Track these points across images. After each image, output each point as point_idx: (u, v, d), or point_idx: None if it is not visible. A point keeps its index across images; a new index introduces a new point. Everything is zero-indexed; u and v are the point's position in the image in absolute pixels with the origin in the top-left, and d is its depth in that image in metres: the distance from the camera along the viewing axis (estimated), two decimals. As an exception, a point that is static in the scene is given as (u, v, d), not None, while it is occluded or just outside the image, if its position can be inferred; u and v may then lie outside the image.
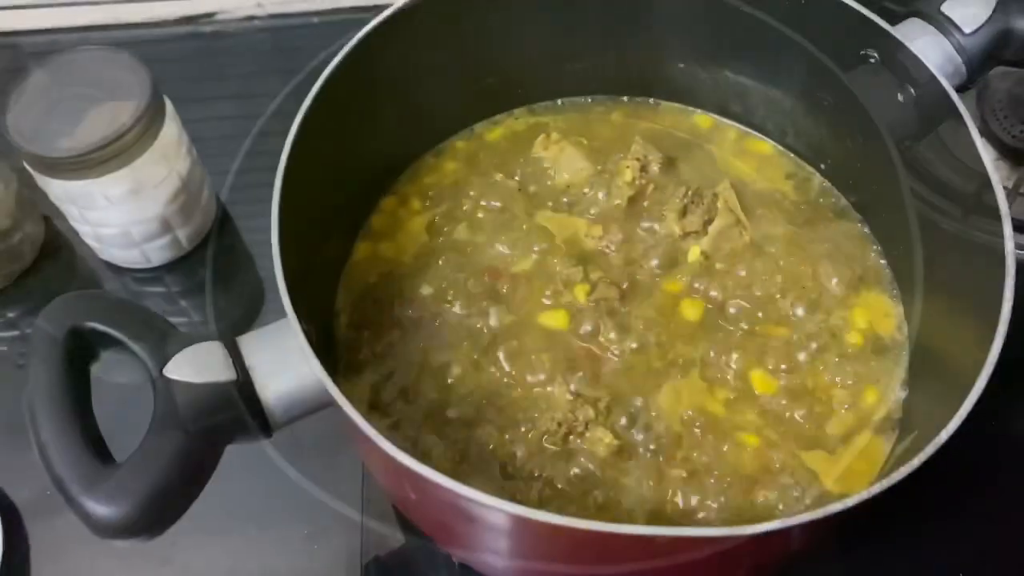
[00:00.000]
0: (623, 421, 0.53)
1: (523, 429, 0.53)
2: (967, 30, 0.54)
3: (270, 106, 0.83)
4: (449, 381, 0.55)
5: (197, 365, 0.42)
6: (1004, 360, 0.43)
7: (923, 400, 0.52)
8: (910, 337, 0.56)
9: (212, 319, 0.74)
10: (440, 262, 0.60)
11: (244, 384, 0.43)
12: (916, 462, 0.39)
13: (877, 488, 0.38)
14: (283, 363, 0.44)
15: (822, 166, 0.63)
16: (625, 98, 0.68)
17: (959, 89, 0.53)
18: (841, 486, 0.51)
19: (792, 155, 0.65)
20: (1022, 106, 0.72)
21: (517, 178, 0.63)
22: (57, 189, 0.66)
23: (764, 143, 0.66)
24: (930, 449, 0.39)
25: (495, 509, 0.39)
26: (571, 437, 0.52)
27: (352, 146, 0.57)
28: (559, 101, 0.68)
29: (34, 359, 0.42)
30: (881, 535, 0.58)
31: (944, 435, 0.40)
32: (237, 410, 0.43)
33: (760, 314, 0.57)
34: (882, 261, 0.59)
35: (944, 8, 0.54)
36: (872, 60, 0.54)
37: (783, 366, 0.55)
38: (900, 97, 0.53)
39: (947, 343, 0.51)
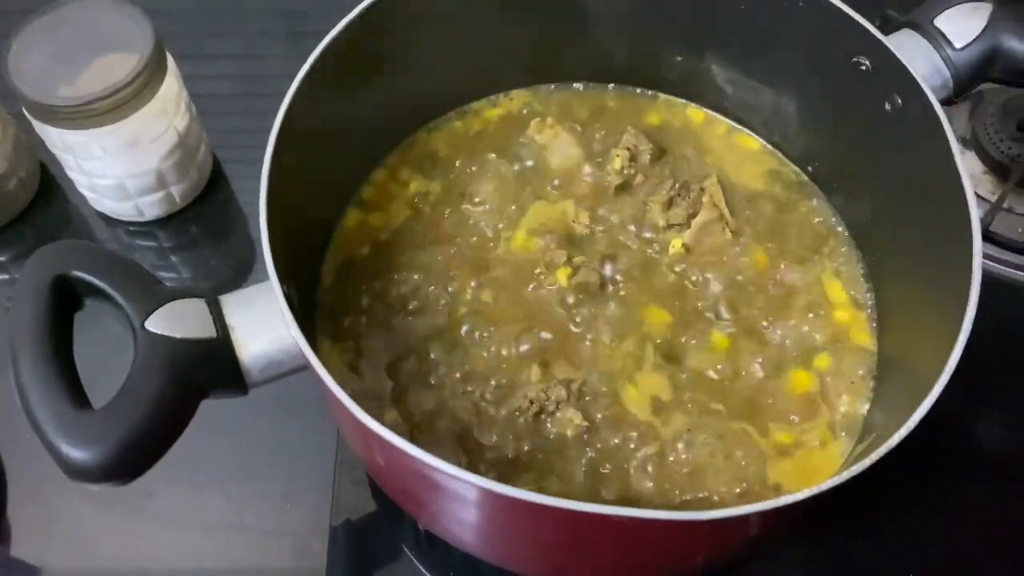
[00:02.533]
0: (594, 403, 0.54)
1: (496, 405, 0.54)
2: (957, 45, 0.54)
3: (272, 68, 0.85)
4: (427, 353, 0.56)
5: (178, 320, 0.43)
6: (966, 368, 0.44)
7: (886, 404, 0.53)
8: (880, 342, 0.57)
9: (202, 277, 0.75)
10: (426, 237, 0.61)
11: (223, 342, 0.44)
12: (867, 462, 0.40)
13: (827, 484, 0.40)
14: (263, 324, 0.45)
15: (809, 168, 0.64)
16: (620, 87, 0.68)
17: (945, 102, 0.54)
18: (802, 484, 0.52)
19: (780, 154, 0.65)
20: (1013, 122, 0.72)
21: (509, 159, 0.64)
22: (55, 137, 0.66)
23: (752, 140, 0.66)
24: (882, 450, 0.40)
25: (454, 478, 0.40)
26: (542, 416, 0.53)
27: (347, 116, 0.58)
28: (554, 86, 0.68)
29: (19, 303, 0.42)
30: (845, 527, 0.60)
31: (896, 439, 0.41)
32: (214, 367, 0.44)
33: (736, 311, 0.58)
34: (859, 266, 0.60)
35: (937, 21, 0.55)
36: (863, 68, 0.54)
37: (756, 362, 0.56)
38: (888, 106, 0.53)
39: (914, 351, 0.52)
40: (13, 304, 0.43)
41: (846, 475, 0.40)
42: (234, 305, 0.46)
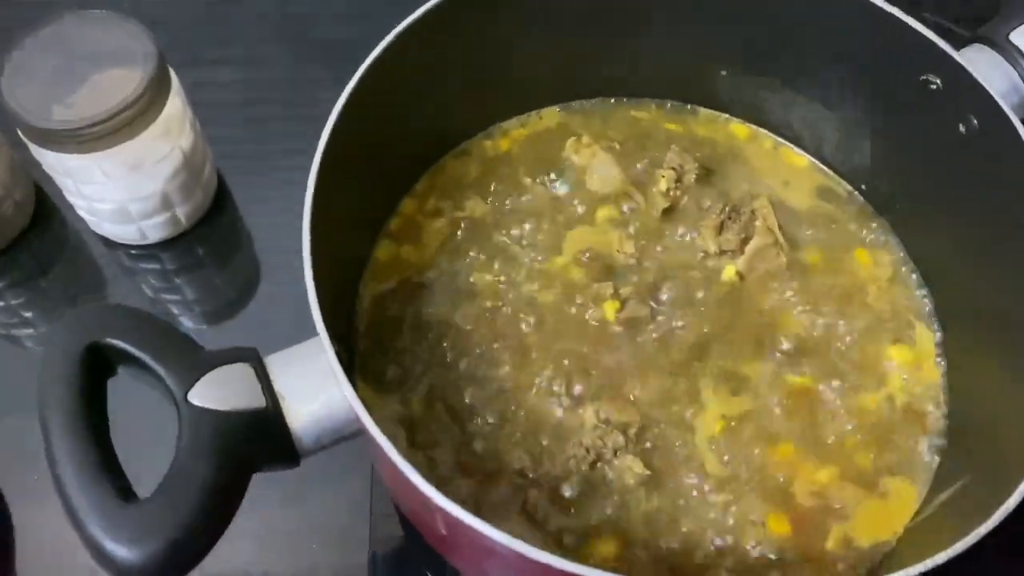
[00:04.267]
0: (653, 450, 0.51)
1: (548, 454, 0.51)
2: (1035, 61, 0.51)
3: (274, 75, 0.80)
4: (469, 398, 0.53)
5: (224, 390, 0.39)
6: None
7: (962, 448, 0.51)
8: (949, 382, 0.54)
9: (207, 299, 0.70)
10: (462, 270, 0.57)
11: (273, 411, 0.40)
12: (983, 530, 0.37)
13: (943, 557, 0.37)
14: (314, 388, 0.41)
15: (863, 186, 0.61)
16: (657, 101, 0.65)
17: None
18: (872, 533, 0.50)
19: (830, 172, 0.62)
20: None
21: (545, 182, 0.61)
22: (52, 160, 0.62)
23: (801, 157, 0.63)
24: (995, 518, 0.38)
25: (528, 559, 0.37)
26: (599, 464, 0.50)
27: (377, 144, 0.54)
28: (592, 101, 0.64)
29: (48, 377, 0.38)
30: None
31: (999, 513, 0.38)
32: (265, 439, 0.40)
33: (796, 343, 0.55)
34: (924, 296, 0.57)
35: (1012, 36, 0.52)
36: (933, 86, 0.51)
37: (820, 398, 0.53)
38: (962, 128, 0.50)
39: (991, 394, 0.50)
40: (42, 377, 0.38)
41: (961, 546, 0.37)
42: (279, 367, 0.42)
